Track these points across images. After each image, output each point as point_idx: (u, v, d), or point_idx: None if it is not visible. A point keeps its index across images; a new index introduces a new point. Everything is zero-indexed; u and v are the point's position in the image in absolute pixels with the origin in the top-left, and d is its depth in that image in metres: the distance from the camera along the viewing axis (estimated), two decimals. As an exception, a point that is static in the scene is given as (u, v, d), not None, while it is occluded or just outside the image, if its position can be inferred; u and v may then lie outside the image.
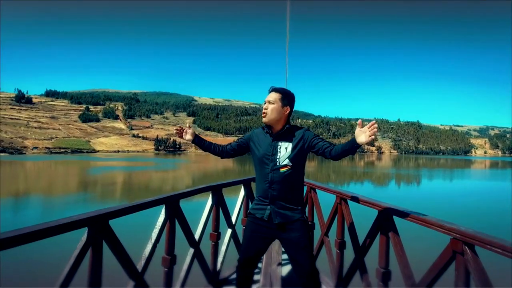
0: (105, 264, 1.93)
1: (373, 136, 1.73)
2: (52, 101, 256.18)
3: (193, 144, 2.36)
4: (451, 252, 1.72)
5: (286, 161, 2.03)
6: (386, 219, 2.27)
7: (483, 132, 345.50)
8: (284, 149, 2.05)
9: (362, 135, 1.78)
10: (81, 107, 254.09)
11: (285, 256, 3.47)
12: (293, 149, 2.04)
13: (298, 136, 2.08)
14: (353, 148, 1.86)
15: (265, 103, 2.13)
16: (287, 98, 2.12)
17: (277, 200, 2.04)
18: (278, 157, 2.05)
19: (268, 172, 2.06)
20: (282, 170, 2.03)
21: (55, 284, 1.57)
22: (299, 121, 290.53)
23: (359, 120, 1.84)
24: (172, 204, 2.46)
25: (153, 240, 2.28)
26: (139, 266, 2.16)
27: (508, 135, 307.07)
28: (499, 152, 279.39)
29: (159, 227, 2.34)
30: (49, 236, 1.58)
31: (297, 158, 2.05)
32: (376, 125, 1.74)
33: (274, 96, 2.11)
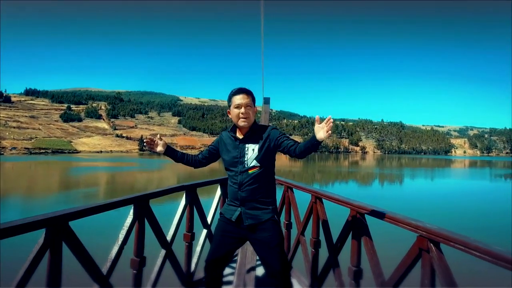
0: (69, 267, 1.86)
1: (330, 132, 1.73)
2: (32, 100, 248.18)
3: (178, 144, 2.31)
4: (417, 249, 1.72)
5: (254, 162, 2.03)
6: (357, 217, 2.28)
7: (462, 132, 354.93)
8: (251, 151, 2.05)
9: (320, 131, 1.77)
10: (62, 106, 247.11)
11: (261, 256, 3.43)
12: (260, 149, 2.03)
13: (264, 136, 2.07)
14: (314, 145, 1.84)
15: (239, 106, 2.06)
16: (254, 99, 2.13)
17: (247, 201, 2.04)
18: (246, 159, 2.04)
19: (237, 175, 2.06)
20: (250, 171, 2.03)
21: (7, 289, 1.49)
22: (285, 121, 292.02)
23: (317, 116, 1.83)
24: (141, 204, 2.39)
25: (120, 242, 2.21)
26: (105, 268, 2.08)
27: (486, 135, 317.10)
28: (478, 152, 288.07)
29: (127, 228, 2.27)
30: (3, 238, 1.50)
31: (265, 158, 2.04)
32: (332, 120, 1.74)
33: (249, 99, 2.08)
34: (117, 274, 2.19)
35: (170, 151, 2.23)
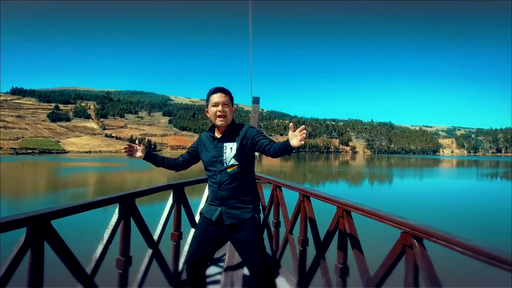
0: (52, 267, 1.82)
1: (302, 142, 1.73)
2: (18, 99, 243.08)
3: (169, 144, 2.28)
4: (401, 245, 1.74)
5: (233, 161, 2.03)
6: (343, 215, 2.29)
7: (450, 132, 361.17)
8: (229, 149, 2.05)
9: (294, 139, 1.77)
10: (50, 105, 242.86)
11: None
12: (237, 148, 2.04)
13: (242, 134, 2.07)
14: (287, 150, 1.86)
15: (216, 105, 2.06)
16: (232, 98, 2.14)
17: (227, 200, 2.04)
18: (224, 157, 2.05)
19: (216, 174, 2.06)
20: (229, 170, 2.03)
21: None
22: (276, 121, 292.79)
23: (291, 124, 1.83)
24: (127, 203, 2.36)
25: (104, 241, 2.17)
26: (89, 268, 2.05)
27: (473, 136, 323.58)
28: (465, 152, 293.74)
29: (112, 227, 2.24)
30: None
31: (243, 156, 2.05)
32: (305, 131, 1.74)
33: (227, 98, 2.09)
34: (102, 274, 2.16)
35: (150, 156, 2.22)
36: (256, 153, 4.40)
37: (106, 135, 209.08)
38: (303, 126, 1.74)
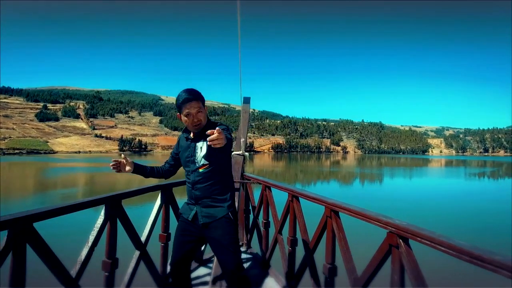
0: (36, 270, 1.79)
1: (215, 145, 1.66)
2: (5, 98, 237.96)
3: (160, 144, 2.26)
4: (387, 245, 1.75)
5: (203, 161, 2.03)
6: (331, 215, 2.30)
7: (439, 132, 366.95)
8: (200, 149, 2.04)
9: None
10: (38, 105, 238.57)
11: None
12: (207, 147, 1.99)
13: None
14: None
15: (189, 115, 2.01)
16: (203, 99, 2.11)
17: (201, 200, 2.05)
18: (196, 158, 2.05)
19: (190, 174, 2.08)
20: (201, 170, 2.04)
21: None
22: (267, 121, 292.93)
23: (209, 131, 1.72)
24: (113, 204, 2.33)
25: (90, 243, 2.14)
26: (74, 271, 2.01)
27: (461, 136, 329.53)
28: (453, 151, 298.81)
29: (98, 229, 2.21)
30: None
31: (212, 155, 2.01)
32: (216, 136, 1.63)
33: (198, 104, 2.03)
34: (87, 276, 2.13)
35: (138, 169, 2.22)
36: (246, 153, 4.41)
37: (96, 135, 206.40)
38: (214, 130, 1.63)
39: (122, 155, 2.21)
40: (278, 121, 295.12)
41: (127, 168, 2.15)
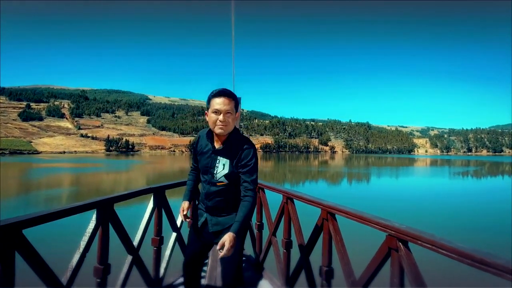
0: (26, 278, 1.72)
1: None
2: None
3: (147, 144, 2.21)
4: (386, 248, 1.74)
5: (222, 178, 1.95)
6: (328, 217, 2.29)
7: (424, 132, 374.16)
8: (222, 166, 1.95)
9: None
10: (21, 104, 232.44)
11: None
12: (230, 166, 1.93)
13: (238, 152, 1.93)
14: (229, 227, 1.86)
15: (217, 112, 1.86)
16: (238, 104, 1.96)
17: (212, 210, 2.04)
18: (215, 171, 1.96)
19: (206, 183, 2.03)
20: (218, 184, 1.97)
21: None
22: (256, 121, 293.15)
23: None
24: (105, 208, 2.26)
25: (81, 249, 2.07)
26: (65, 278, 1.94)
27: (445, 135, 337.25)
28: (438, 151, 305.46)
29: (89, 234, 2.14)
30: None
31: (234, 176, 1.94)
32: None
33: (231, 105, 1.88)
34: (79, 283, 2.06)
35: (191, 196, 2.23)
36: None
37: (82, 135, 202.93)
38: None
39: (184, 210, 2.14)
40: (267, 121, 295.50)
41: (189, 208, 2.18)
